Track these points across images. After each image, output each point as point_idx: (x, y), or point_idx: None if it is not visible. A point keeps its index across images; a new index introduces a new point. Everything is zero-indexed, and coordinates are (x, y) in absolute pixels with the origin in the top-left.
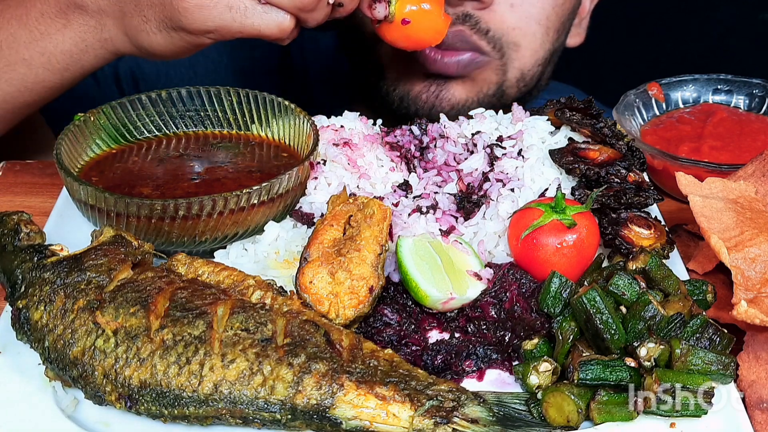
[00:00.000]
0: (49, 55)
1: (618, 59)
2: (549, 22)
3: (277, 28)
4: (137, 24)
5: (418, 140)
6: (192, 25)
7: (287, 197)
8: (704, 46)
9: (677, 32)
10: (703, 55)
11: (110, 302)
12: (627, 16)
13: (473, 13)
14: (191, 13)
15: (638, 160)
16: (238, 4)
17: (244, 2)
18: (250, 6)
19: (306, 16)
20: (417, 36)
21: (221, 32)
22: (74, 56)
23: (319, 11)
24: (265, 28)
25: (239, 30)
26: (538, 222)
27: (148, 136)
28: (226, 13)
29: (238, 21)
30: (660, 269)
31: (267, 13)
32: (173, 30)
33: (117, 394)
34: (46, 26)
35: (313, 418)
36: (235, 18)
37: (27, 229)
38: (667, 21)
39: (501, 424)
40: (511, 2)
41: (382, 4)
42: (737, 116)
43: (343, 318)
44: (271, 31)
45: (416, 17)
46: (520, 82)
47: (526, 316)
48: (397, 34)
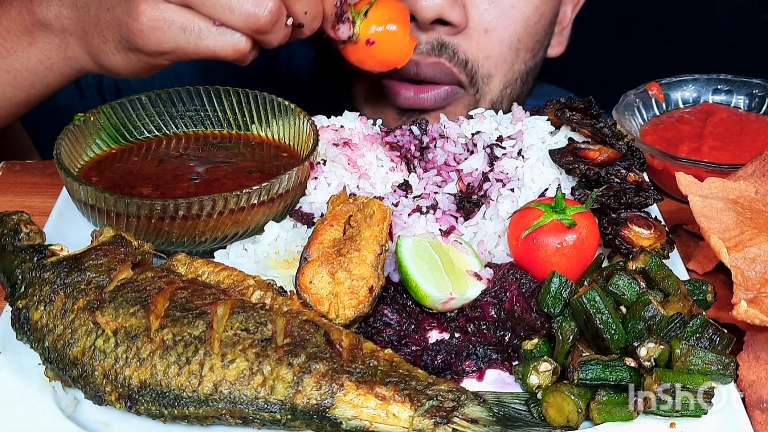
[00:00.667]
0: (15, 73)
1: (618, 59)
2: (520, 44)
3: (232, 49)
4: (97, 44)
5: (418, 140)
6: (147, 47)
7: (287, 197)
8: (704, 46)
9: (677, 32)
10: (703, 55)
11: (110, 302)
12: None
13: (448, 42)
14: (146, 35)
15: (638, 160)
16: (192, 26)
17: (199, 24)
18: (204, 28)
19: (263, 38)
20: (382, 57)
21: (176, 54)
22: (40, 74)
23: (276, 33)
24: (220, 50)
25: (194, 52)
26: (538, 222)
27: (148, 136)
28: (180, 35)
29: (193, 43)
30: (660, 269)
31: (222, 35)
32: (130, 51)
33: (117, 394)
34: (12, 44)
35: (313, 418)
36: (189, 40)
37: (27, 229)
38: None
39: (501, 424)
40: (485, 27)
41: (345, 24)
42: (737, 116)
43: (343, 318)
44: (227, 53)
45: (381, 38)
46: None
47: (526, 316)
48: (362, 55)
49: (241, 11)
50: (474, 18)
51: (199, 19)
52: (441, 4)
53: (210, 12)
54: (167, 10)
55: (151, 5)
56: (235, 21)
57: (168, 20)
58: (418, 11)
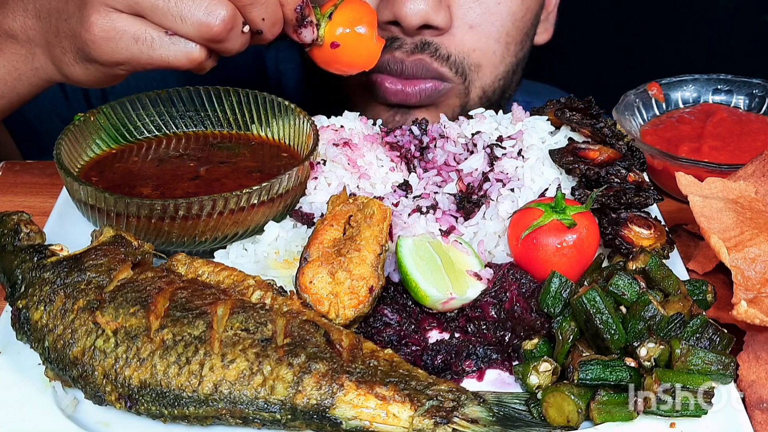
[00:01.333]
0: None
1: (618, 59)
2: (509, 37)
3: (186, 59)
4: (58, 54)
5: (418, 140)
6: (101, 58)
7: (287, 197)
8: (704, 46)
9: (677, 32)
10: (703, 55)
11: (110, 302)
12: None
13: (431, 40)
14: (98, 45)
15: (638, 160)
16: (144, 35)
17: (151, 34)
18: (156, 37)
19: (218, 46)
20: (349, 59)
21: (131, 64)
22: (9, 84)
23: (232, 41)
24: (174, 59)
25: (148, 62)
26: (538, 222)
27: (148, 136)
28: (132, 46)
29: (146, 53)
30: (660, 269)
31: (175, 44)
32: (87, 61)
33: (117, 394)
34: None
35: (313, 418)
36: (142, 50)
37: (27, 229)
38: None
39: (501, 424)
40: (469, 24)
41: (308, 28)
42: (737, 116)
43: (343, 318)
44: (181, 63)
45: (346, 41)
46: (482, 99)
47: (526, 316)
48: (327, 58)
49: (192, 20)
50: (458, 17)
51: (152, 28)
52: (426, 10)
53: (162, 21)
54: (119, 20)
55: (102, 15)
56: (187, 30)
57: (119, 30)
58: (403, 18)
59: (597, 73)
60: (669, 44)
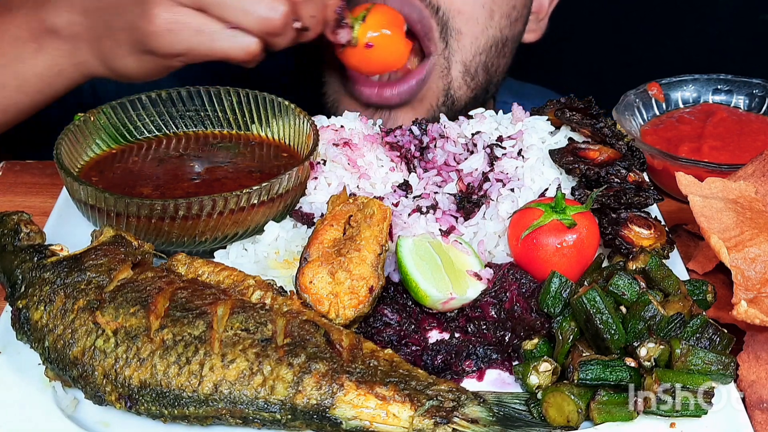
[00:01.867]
0: (22, 79)
1: (618, 59)
2: (494, 5)
3: (244, 52)
4: (110, 47)
5: (418, 140)
6: (161, 49)
7: (287, 197)
8: (704, 46)
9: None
10: (702, 55)
11: (110, 302)
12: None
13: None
14: (161, 36)
15: (638, 160)
16: (206, 27)
17: (212, 26)
18: (218, 30)
19: (273, 40)
20: (379, 60)
21: (190, 55)
22: (47, 79)
23: (285, 35)
24: (233, 52)
25: (207, 53)
26: (538, 222)
27: (148, 136)
28: (194, 37)
29: (207, 45)
30: (660, 269)
31: (235, 37)
32: (143, 53)
33: (117, 394)
34: (20, 50)
35: (313, 418)
36: (203, 42)
37: (27, 229)
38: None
39: (501, 424)
40: None
41: (345, 29)
42: (737, 116)
43: (343, 318)
44: (238, 55)
45: (379, 42)
46: (466, 76)
47: (526, 316)
48: (360, 58)
49: (255, 14)
50: None
51: (213, 22)
52: None
53: (224, 15)
54: (181, 13)
55: (165, 8)
56: (250, 24)
57: (182, 23)
58: None
59: (597, 73)
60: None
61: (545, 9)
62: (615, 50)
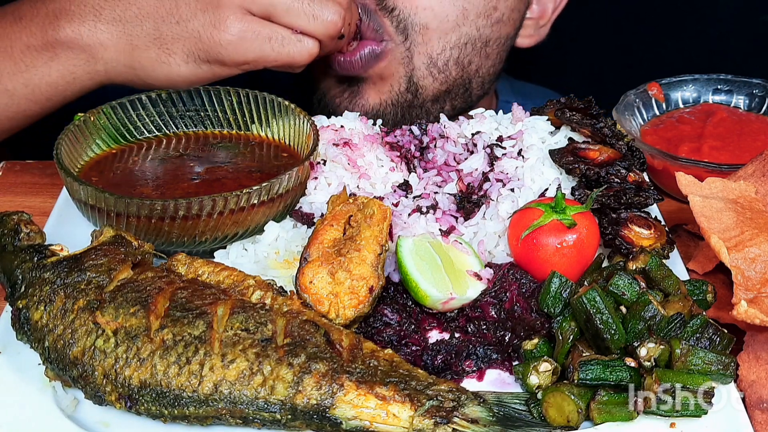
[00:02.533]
0: (33, 87)
1: (618, 59)
2: (467, 3)
3: (308, 54)
4: (155, 57)
5: (418, 140)
6: (230, 57)
7: (287, 197)
8: (704, 47)
9: (677, 32)
10: (703, 56)
11: (110, 302)
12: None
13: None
14: (233, 45)
15: (638, 160)
16: (276, 35)
17: (281, 33)
18: (287, 36)
19: (330, 44)
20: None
21: (258, 63)
22: (59, 88)
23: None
24: (298, 56)
25: (274, 60)
26: (538, 222)
27: (148, 136)
28: (265, 44)
29: (276, 51)
30: (660, 269)
31: (301, 42)
32: (206, 62)
33: (117, 394)
34: (32, 59)
35: (313, 418)
36: (273, 48)
37: (27, 229)
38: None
39: (501, 424)
40: None
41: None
42: (737, 116)
43: (343, 318)
44: (302, 59)
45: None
46: (431, 68)
47: (526, 316)
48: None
49: (323, 19)
50: None
51: (280, 28)
52: None
53: (293, 21)
54: (253, 22)
55: (239, 18)
56: (317, 28)
57: (255, 31)
58: None
59: (597, 73)
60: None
61: (548, 16)
62: (615, 50)
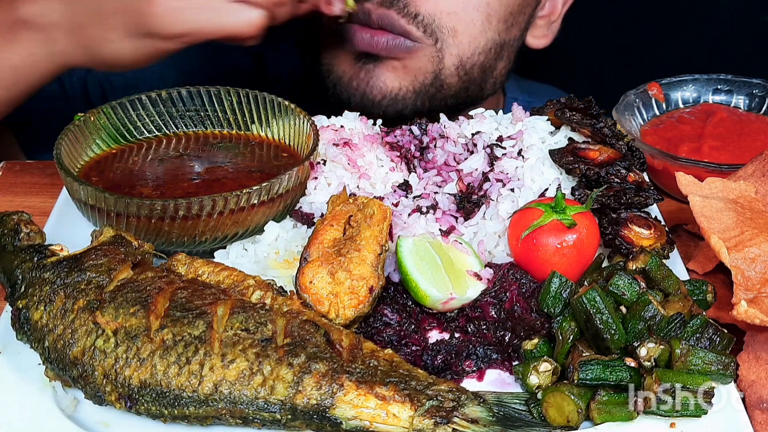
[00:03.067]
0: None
1: (618, 59)
2: (490, 9)
3: (250, 25)
4: (99, 34)
5: (418, 140)
6: (165, 30)
7: (287, 197)
8: (704, 47)
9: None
10: (703, 56)
11: (110, 302)
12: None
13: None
14: (166, 16)
15: (638, 160)
16: (210, 3)
17: (218, 2)
18: (223, 6)
19: (278, 10)
20: None
21: (195, 35)
22: (22, 71)
23: (287, 5)
24: (238, 26)
25: (211, 31)
26: (538, 222)
27: (148, 136)
28: (200, 14)
29: (211, 21)
30: (660, 269)
31: (240, 11)
32: (143, 36)
33: (117, 394)
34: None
35: (313, 418)
36: (208, 18)
37: (27, 229)
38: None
39: (501, 424)
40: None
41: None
42: (737, 116)
43: (343, 318)
44: (243, 30)
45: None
46: (459, 70)
47: (526, 316)
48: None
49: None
50: None
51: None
52: None
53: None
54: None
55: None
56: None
57: (188, 0)
58: None
59: (597, 73)
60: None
61: (558, 11)
62: (615, 50)
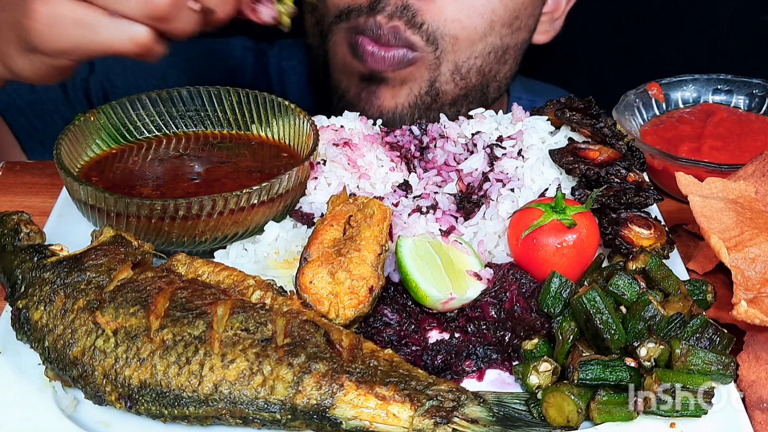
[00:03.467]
0: None
1: (618, 59)
2: (495, 15)
3: (131, 42)
4: (2, 48)
5: (418, 140)
6: (44, 46)
7: (287, 197)
8: (704, 47)
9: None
10: (703, 56)
11: (110, 302)
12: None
13: (411, 4)
14: (42, 33)
15: (638, 160)
16: (86, 18)
17: (93, 16)
18: (100, 20)
19: (165, 26)
20: None
21: (76, 52)
22: None
23: (180, 19)
24: (119, 43)
25: (91, 48)
26: (538, 222)
27: (148, 136)
28: (75, 30)
29: (89, 38)
30: (660, 269)
31: (118, 26)
32: (30, 52)
33: (117, 394)
34: None
35: (313, 418)
36: (84, 35)
37: (27, 229)
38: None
39: (501, 424)
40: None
41: (266, 6)
42: (737, 116)
43: (343, 318)
44: (125, 47)
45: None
46: (455, 75)
47: (526, 316)
48: None
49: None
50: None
51: (94, 11)
52: None
53: (104, 2)
54: (60, 5)
55: (44, 1)
56: (131, 8)
57: (62, 15)
58: None
59: (597, 73)
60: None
61: (561, 8)
62: (615, 50)
